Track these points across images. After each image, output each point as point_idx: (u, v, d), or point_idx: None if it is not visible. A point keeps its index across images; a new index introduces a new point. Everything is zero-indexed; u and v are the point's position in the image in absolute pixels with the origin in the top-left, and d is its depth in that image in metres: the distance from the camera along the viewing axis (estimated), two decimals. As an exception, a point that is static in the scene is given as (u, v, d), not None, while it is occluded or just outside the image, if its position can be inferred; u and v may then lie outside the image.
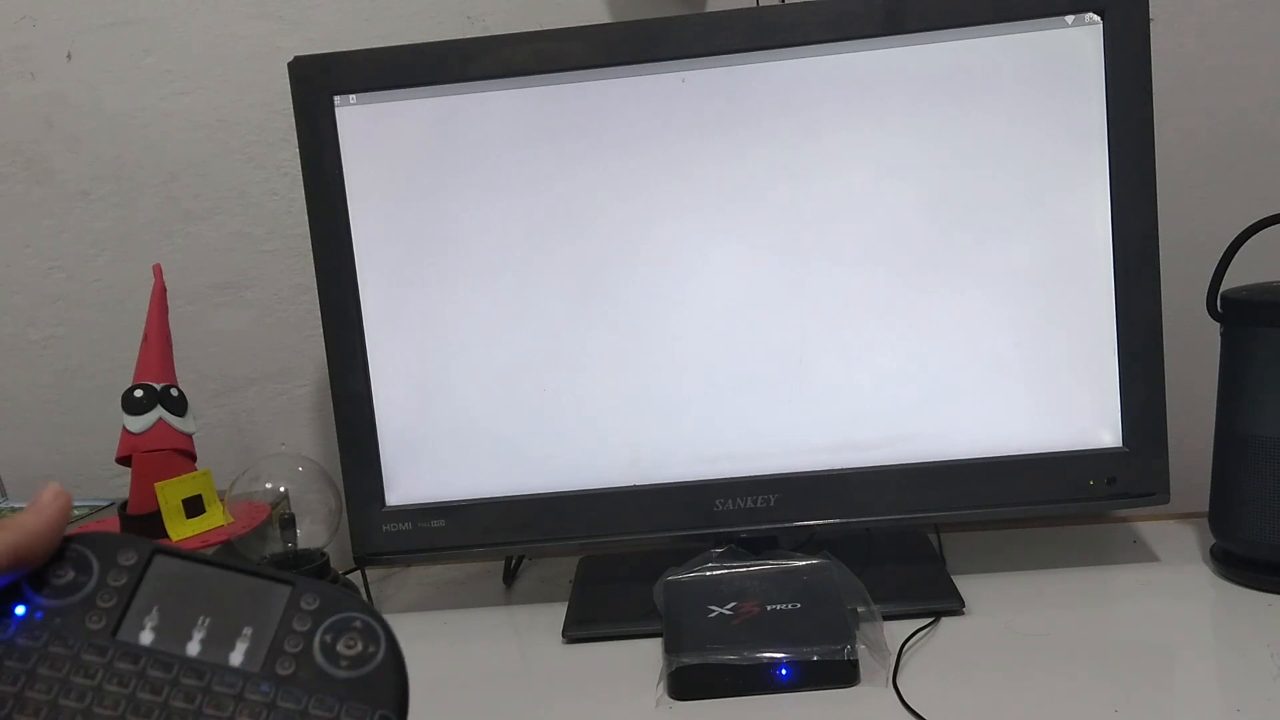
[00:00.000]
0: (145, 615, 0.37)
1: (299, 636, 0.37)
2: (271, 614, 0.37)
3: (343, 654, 0.37)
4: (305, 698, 0.36)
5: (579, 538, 0.83)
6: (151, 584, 0.37)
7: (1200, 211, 0.94)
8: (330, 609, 0.37)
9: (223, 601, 0.37)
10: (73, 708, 0.35)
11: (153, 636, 0.36)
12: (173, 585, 0.38)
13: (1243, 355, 0.77)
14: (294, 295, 1.02)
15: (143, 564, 0.38)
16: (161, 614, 0.37)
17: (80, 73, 1.00)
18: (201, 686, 0.35)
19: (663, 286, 0.80)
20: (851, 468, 0.80)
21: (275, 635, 0.37)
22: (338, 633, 0.37)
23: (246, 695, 0.35)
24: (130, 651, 0.36)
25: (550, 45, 0.78)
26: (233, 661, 0.36)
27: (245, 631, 0.37)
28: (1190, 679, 0.68)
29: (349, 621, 0.37)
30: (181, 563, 0.38)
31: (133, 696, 0.35)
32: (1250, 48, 0.93)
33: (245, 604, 0.37)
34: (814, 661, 0.69)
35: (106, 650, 0.36)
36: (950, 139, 0.78)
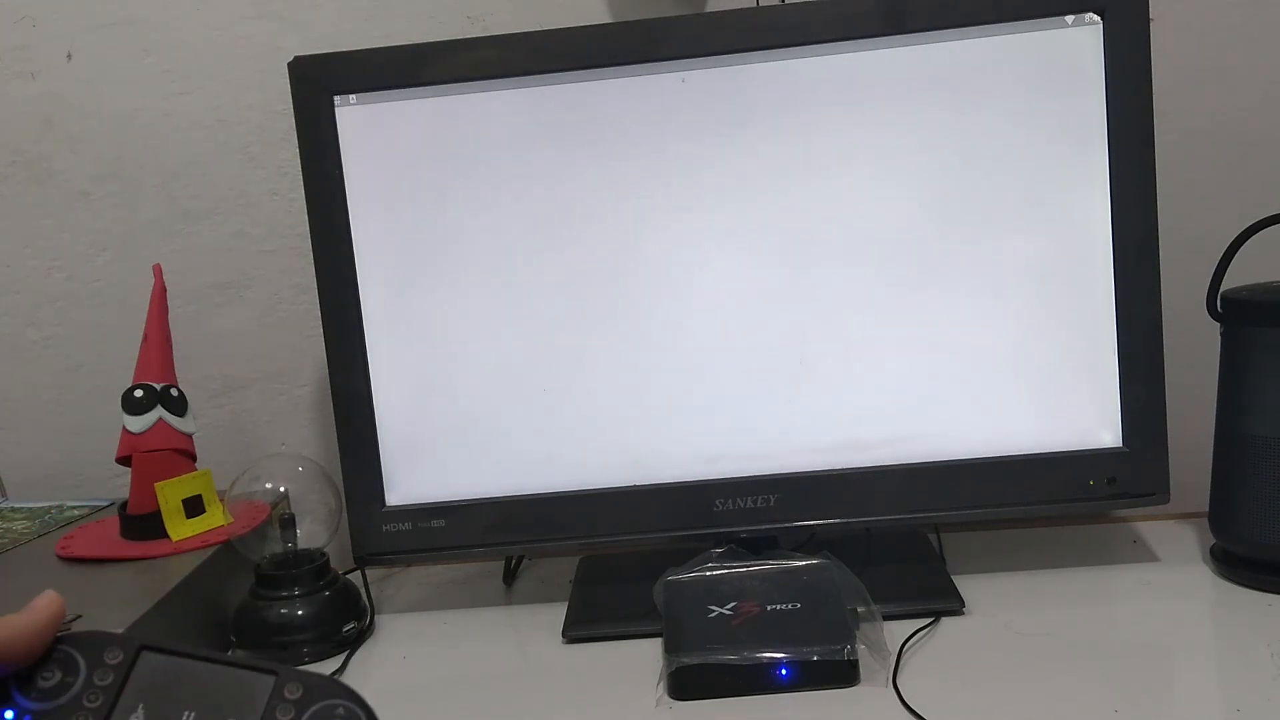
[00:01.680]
0: (131, 713, 0.37)
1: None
2: (255, 705, 0.38)
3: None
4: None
5: (579, 538, 0.83)
6: (137, 681, 0.38)
7: (1200, 211, 0.94)
8: (314, 697, 0.38)
9: (207, 695, 0.38)
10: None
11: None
12: (157, 682, 0.38)
13: (1243, 355, 0.77)
14: (294, 295, 1.02)
15: (128, 662, 0.38)
16: (147, 711, 0.37)
17: (80, 73, 1.00)
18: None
19: (663, 286, 0.80)
20: (851, 468, 0.80)
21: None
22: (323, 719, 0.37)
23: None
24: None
25: (550, 45, 0.78)
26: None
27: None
28: (1190, 679, 0.68)
29: (332, 709, 0.37)
30: (166, 658, 0.39)
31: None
32: (1250, 48, 0.93)
33: (229, 696, 0.38)
34: (814, 661, 0.69)
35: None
36: (950, 139, 0.78)
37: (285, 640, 0.79)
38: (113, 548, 0.83)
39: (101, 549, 0.82)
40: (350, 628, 0.81)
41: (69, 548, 0.83)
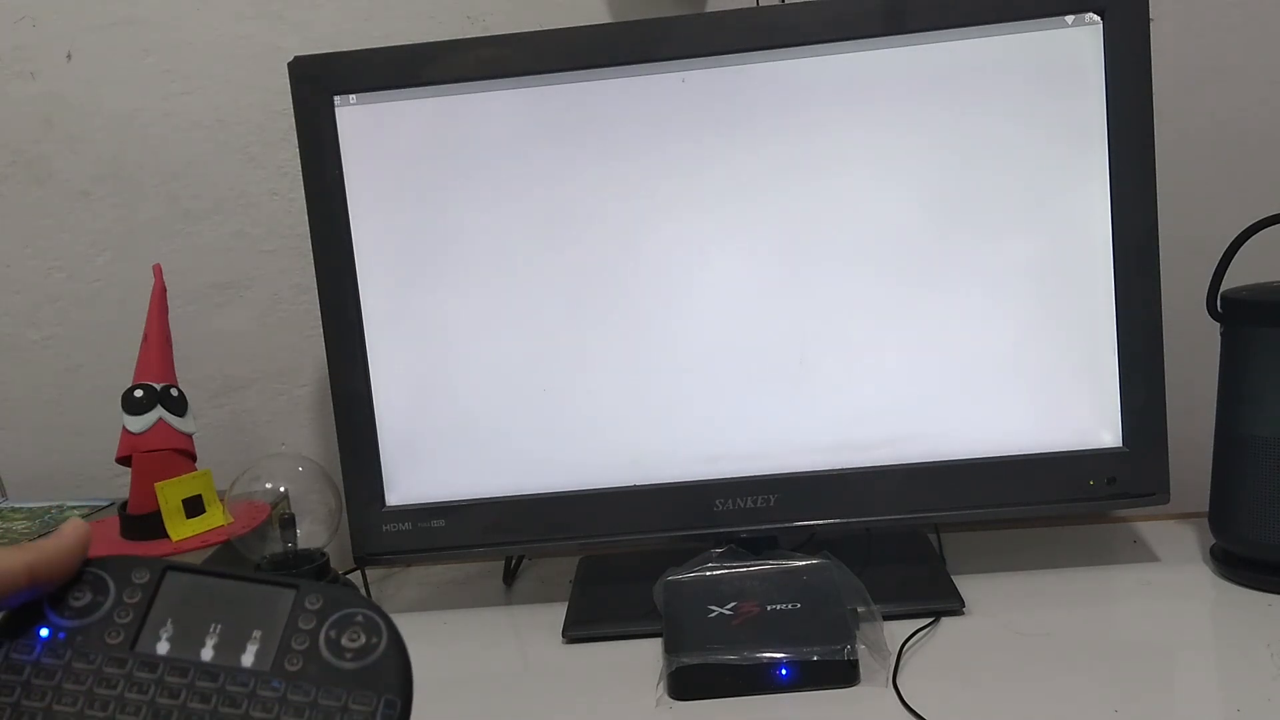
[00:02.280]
0: (160, 628, 0.39)
1: (305, 635, 0.39)
2: (278, 616, 0.40)
3: (347, 647, 0.39)
4: (314, 689, 0.38)
5: (579, 538, 0.83)
6: (165, 599, 0.40)
7: (1200, 211, 0.94)
8: (333, 606, 0.40)
9: (232, 609, 0.40)
10: (98, 717, 0.37)
11: (168, 646, 0.39)
12: (184, 598, 0.40)
13: (1243, 355, 0.77)
14: (294, 295, 1.02)
15: (155, 581, 0.40)
16: (175, 625, 0.39)
17: (80, 73, 1.00)
18: (216, 688, 0.38)
19: (663, 286, 0.80)
20: (851, 468, 0.80)
21: (283, 635, 0.39)
22: (341, 628, 0.39)
23: (258, 692, 0.38)
24: (148, 661, 0.38)
25: (550, 45, 0.78)
26: (244, 663, 0.39)
27: (255, 634, 0.39)
28: (1190, 679, 0.68)
29: (351, 617, 0.39)
30: (191, 577, 0.41)
31: (152, 702, 0.38)
32: (1250, 48, 0.93)
33: (253, 609, 0.40)
34: (814, 661, 0.69)
35: (126, 662, 0.38)
36: (950, 139, 0.78)
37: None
38: (113, 548, 0.83)
39: (101, 549, 0.82)
40: (350, 628, 0.81)
41: (69, 548, 0.83)
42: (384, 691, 0.38)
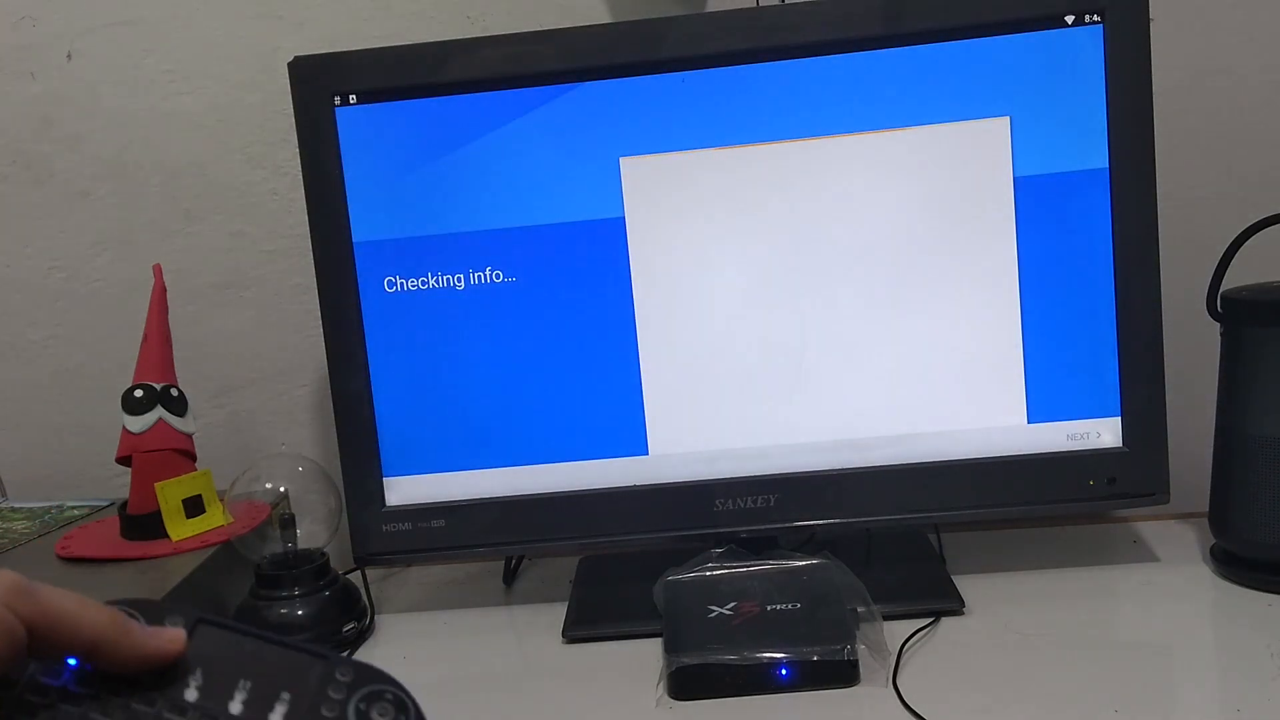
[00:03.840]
0: (190, 675, 0.38)
1: (334, 703, 0.39)
2: (308, 683, 0.39)
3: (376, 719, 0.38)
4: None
5: (579, 538, 0.83)
6: (195, 648, 0.39)
7: (1200, 211, 0.94)
8: (364, 681, 0.39)
9: (261, 668, 0.39)
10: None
11: (197, 694, 0.38)
12: (215, 651, 0.39)
13: (1243, 355, 0.77)
14: (294, 295, 1.02)
15: (187, 630, 0.39)
16: (205, 675, 0.39)
17: (80, 73, 1.00)
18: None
19: (663, 286, 0.80)
20: (851, 468, 0.80)
21: (313, 701, 0.39)
22: (370, 701, 0.39)
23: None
24: (178, 705, 0.37)
25: (550, 45, 0.78)
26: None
27: (284, 696, 0.38)
28: (1190, 679, 0.68)
29: (381, 693, 0.39)
30: (222, 632, 0.40)
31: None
32: (1250, 48, 0.93)
33: (283, 672, 0.39)
34: (814, 661, 0.69)
35: (155, 701, 0.37)
36: (950, 139, 0.78)
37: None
38: (113, 548, 0.83)
39: (101, 549, 0.82)
40: (350, 628, 0.81)
41: (69, 548, 0.83)
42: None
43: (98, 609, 0.37)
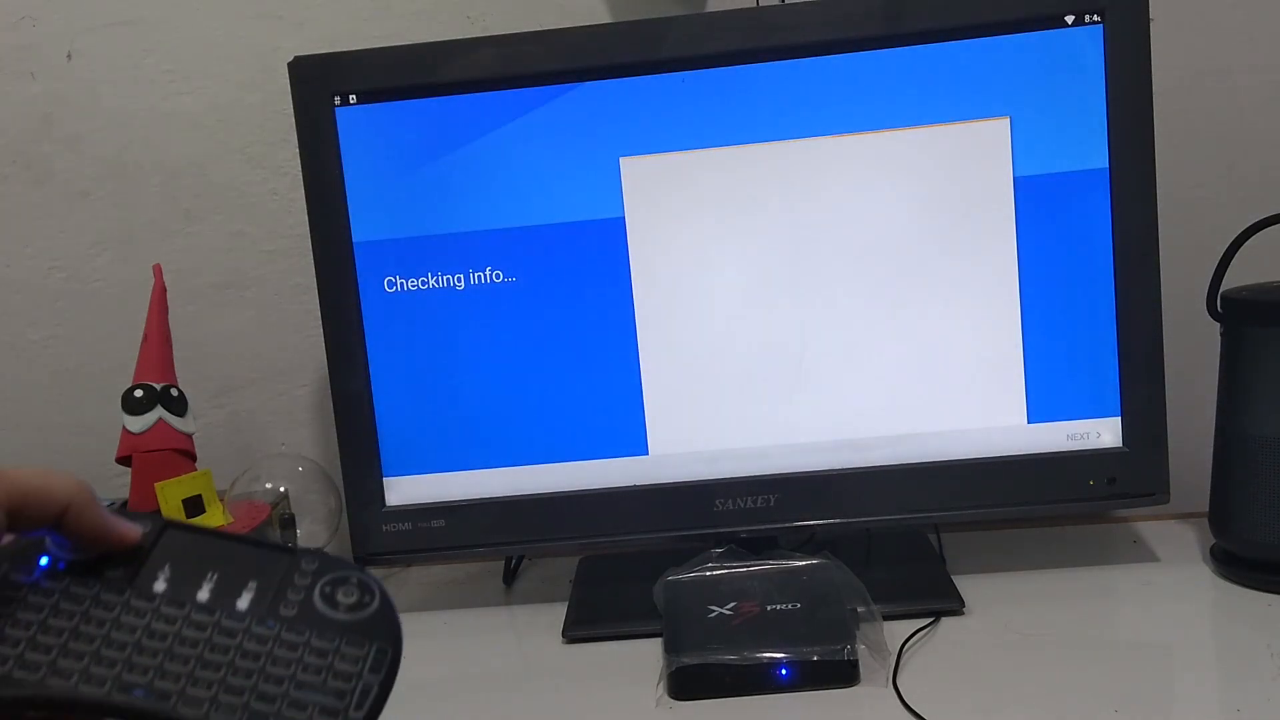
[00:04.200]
0: (159, 570, 0.40)
1: (300, 588, 0.40)
2: (274, 572, 0.41)
3: (341, 602, 0.40)
4: (308, 632, 0.39)
5: (579, 538, 0.83)
6: (164, 549, 0.41)
7: (1200, 211, 0.94)
8: (329, 568, 0.41)
9: (229, 563, 0.41)
10: (92, 633, 0.38)
11: (165, 585, 0.40)
12: (183, 550, 0.41)
13: (1243, 355, 0.77)
14: (294, 295, 1.02)
15: (155, 533, 0.41)
16: (173, 569, 0.40)
17: (80, 73, 1.00)
18: (211, 621, 0.39)
19: (663, 286, 0.80)
20: (851, 468, 0.80)
21: (278, 587, 0.40)
22: (335, 585, 0.41)
23: (253, 629, 0.39)
24: (146, 594, 0.39)
25: (550, 45, 0.78)
26: (239, 606, 0.40)
27: (250, 584, 0.40)
28: (1190, 679, 0.68)
29: (346, 578, 0.41)
30: (190, 535, 0.42)
31: (148, 627, 0.38)
32: (1250, 48, 0.93)
33: (250, 565, 0.41)
34: (814, 661, 0.69)
35: (124, 590, 0.39)
36: (950, 139, 0.78)
37: (285, 640, 0.79)
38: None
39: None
40: (350, 628, 0.81)
41: (69, 548, 0.83)
42: (377, 639, 0.40)
43: (65, 476, 0.39)
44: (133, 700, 0.37)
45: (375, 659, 0.39)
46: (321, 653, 0.39)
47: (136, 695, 0.37)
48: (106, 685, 0.37)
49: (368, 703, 0.39)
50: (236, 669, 0.38)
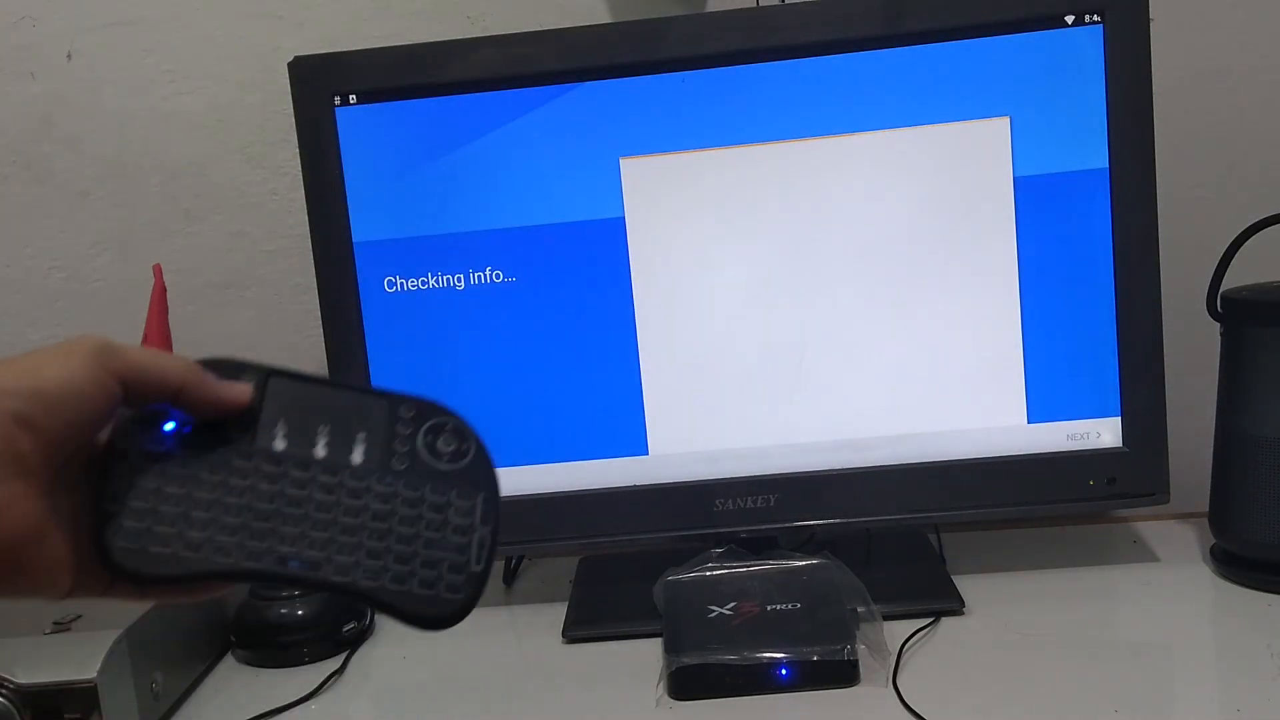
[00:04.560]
0: (274, 426, 0.42)
1: (404, 438, 0.43)
2: (377, 421, 0.43)
3: (442, 451, 0.43)
4: (422, 486, 0.42)
5: (579, 538, 0.83)
6: (272, 401, 0.43)
7: (1200, 211, 0.94)
8: (425, 415, 0.43)
9: (335, 413, 0.43)
10: (235, 504, 0.40)
11: (285, 444, 0.42)
12: (290, 401, 0.43)
13: (1243, 355, 0.77)
14: (294, 295, 1.02)
15: (261, 384, 0.43)
16: (287, 425, 0.42)
17: (80, 73, 0.99)
18: (337, 482, 0.41)
19: (663, 286, 0.80)
20: (851, 468, 0.80)
21: (384, 437, 0.43)
22: (435, 434, 0.43)
23: (375, 487, 0.42)
24: (271, 456, 0.42)
25: (550, 45, 0.78)
26: (355, 461, 0.42)
27: (359, 436, 0.43)
28: (1190, 679, 0.68)
29: (442, 425, 0.43)
30: (292, 382, 0.43)
31: (283, 493, 0.41)
32: (1250, 48, 0.93)
33: (354, 414, 0.43)
34: (814, 661, 0.69)
35: (252, 456, 0.41)
36: (950, 139, 0.78)
37: (285, 640, 0.79)
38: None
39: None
40: (350, 628, 0.81)
41: (69, 548, 0.83)
42: (481, 489, 0.42)
43: (176, 358, 0.41)
44: (290, 571, 0.40)
45: (484, 511, 0.42)
46: (438, 507, 0.42)
47: (292, 566, 0.40)
48: (263, 559, 0.40)
49: (485, 554, 0.42)
50: (371, 531, 0.41)
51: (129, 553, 0.39)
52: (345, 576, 0.40)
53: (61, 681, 0.65)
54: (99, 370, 0.39)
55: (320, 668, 0.78)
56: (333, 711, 0.73)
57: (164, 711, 0.73)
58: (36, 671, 0.65)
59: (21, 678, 0.65)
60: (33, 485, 0.37)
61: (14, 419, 0.37)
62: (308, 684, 0.75)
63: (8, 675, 0.65)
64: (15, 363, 0.38)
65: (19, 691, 0.65)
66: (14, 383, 0.37)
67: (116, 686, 0.67)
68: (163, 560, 0.39)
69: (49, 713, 0.65)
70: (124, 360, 0.39)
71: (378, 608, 0.41)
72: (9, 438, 0.36)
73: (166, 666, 0.73)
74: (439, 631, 0.42)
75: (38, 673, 0.65)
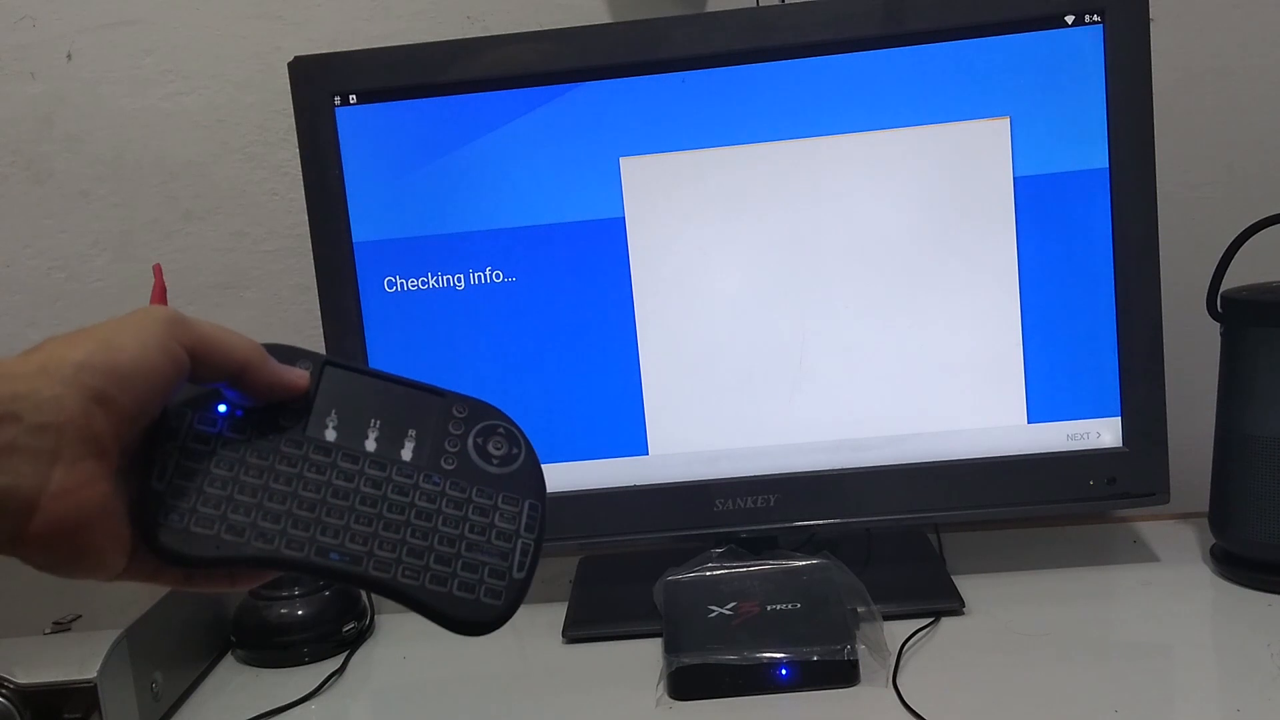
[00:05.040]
0: (326, 416, 0.42)
1: (455, 438, 0.43)
2: (430, 418, 0.43)
3: (493, 454, 0.43)
4: (469, 487, 0.42)
5: (579, 538, 0.83)
6: (326, 390, 0.43)
7: (1200, 211, 0.94)
8: (479, 416, 0.44)
9: (387, 407, 0.43)
10: (282, 490, 0.40)
11: (335, 434, 0.42)
12: (344, 391, 0.43)
13: (1243, 355, 0.77)
14: (294, 295, 1.02)
15: (317, 372, 0.43)
16: (339, 416, 0.42)
17: (80, 73, 1.00)
18: (384, 476, 0.41)
19: (663, 286, 0.80)
20: (851, 468, 0.80)
21: (435, 435, 0.43)
22: (486, 435, 0.44)
23: (421, 484, 0.42)
24: (321, 446, 0.41)
25: (550, 45, 0.78)
26: (404, 457, 0.42)
27: (410, 432, 0.43)
28: (1190, 679, 0.68)
29: (495, 427, 0.44)
30: (347, 373, 0.43)
31: (330, 483, 0.41)
32: (1250, 48, 0.93)
33: (407, 409, 0.43)
34: (814, 661, 0.69)
35: (302, 444, 0.41)
36: (950, 139, 0.78)
37: (285, 640, 0.79)
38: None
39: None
40: (350, 628, 0.81)
41: (69, 548, 0.83)
42: (528, 495, 0.43)
43: (242, 337, 0.41)
44: (330, 563, 0.40)
45: (529, 517, 0.42)
46: (483, 510, 0.42)
47: (333, 559, 0.40)
48: (305, 549, 0.39)
49: (528, 562, 0.41)
50: (415, 529, 0.41)
51: (171, 532, 0.39)
52: (385, 573, 0.40)
53: (61, 681, 0.65)
54: (172, 343, 0.38)
55: (320, 668, 0.78)
56: (333, 711, 0.73)
57: (164, 711, 0.73)
58: (36, 671, 0.65)
59: (21, 678, 0.65)
60: (104, 465, 0.36)
61: (93, 397, 0.35)
62: (308, 684, 0.75)
63: (8, 675, 0.65)
64: (88, 335, 0.37)
65: (19, 691, 0.64)
66: (91, 358, 0.36)
67: (116, 686, 0.67)
68: (204, 542, 0.39)
69: (49, 713, 0.65)
70: (195, 334, 0.39)
71: (415, 607, 0.41)
72: (88, 415, 0.35)
73: (166, 666, 0.73)
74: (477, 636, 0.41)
75: (38, 673, 0.65)
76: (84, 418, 0.35)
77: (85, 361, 0.36)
